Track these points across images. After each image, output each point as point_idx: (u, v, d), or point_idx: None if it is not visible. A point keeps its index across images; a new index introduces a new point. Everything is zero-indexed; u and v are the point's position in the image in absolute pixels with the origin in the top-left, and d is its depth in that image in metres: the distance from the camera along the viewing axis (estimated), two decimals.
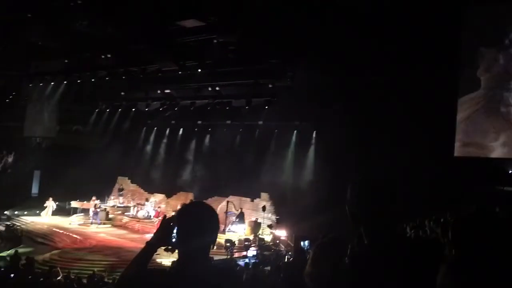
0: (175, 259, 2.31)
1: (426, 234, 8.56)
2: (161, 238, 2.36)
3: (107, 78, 21.58)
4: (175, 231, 2.32)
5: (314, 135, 19.91)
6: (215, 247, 2.37)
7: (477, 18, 13.94)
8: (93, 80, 22.13)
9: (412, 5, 12.87)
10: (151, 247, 2.37)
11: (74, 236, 20.18)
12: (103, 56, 20.13)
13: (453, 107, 14.28)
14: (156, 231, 2.41)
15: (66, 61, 22.14)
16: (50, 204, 23.82)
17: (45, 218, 23.45)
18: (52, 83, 24.75)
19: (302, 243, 13.33)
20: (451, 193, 13.23)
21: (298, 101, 18.17)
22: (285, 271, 9.72)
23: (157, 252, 2.40)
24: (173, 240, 2.33)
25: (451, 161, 14.08)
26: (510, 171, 13.94)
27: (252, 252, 16.47)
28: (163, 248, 2.38)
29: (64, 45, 19.47)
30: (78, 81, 22.96)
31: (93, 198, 23.17)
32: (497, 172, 13.85)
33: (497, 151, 13.75)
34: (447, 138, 14.30)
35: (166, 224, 2.37)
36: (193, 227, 2.26)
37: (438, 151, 14.18)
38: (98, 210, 22.97)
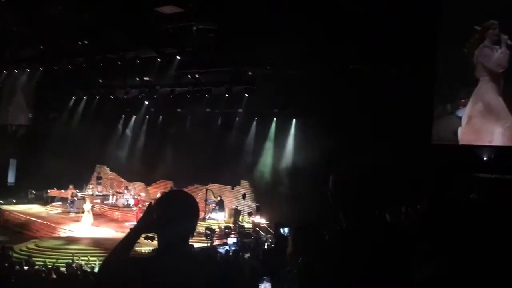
0: (154, 247, 2.31)
1: (403, 220, 8.71)
2: (145, 225, 2.37)
3: (84, 65, 21.24)
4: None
5: (293, 123, 19.96)
6: (195, 235, 2.39)
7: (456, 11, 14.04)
8: (70, 67, 21.76)
9: None
10: (135, 233, 2.37)
11: (52, 225, 19.97)
12: (79, 43, 19.75)
13: (431, 93, 14.46)
14: (141, 217, 2.42)
15: (41, 47, 21.70)
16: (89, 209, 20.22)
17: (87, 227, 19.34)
18: (28, 70, 24.28)
19: (282, 230, 13.42)
20: (428, 180, 13.44)
21: (278, 89, 18.19)
22: (264, 258, 9.80)
23: None
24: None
25: (428, 148, 14.28)
26: (485, 158, 14.19)
27: (232, 239, 16.52)
28: (143, 236, 2.38)
29: (39, 31, 19.06)
30: (55, 68, 22.54)
31: (70, 186, 22.88)
32: (473, 159, 14.09)
33: (472, 138, 14.01)
34: (424, 125, 14.49)
35: (151, 211, 2.38)
36: (172, 215, 2.27)
37: (415, 139, 14.36)
38: (75, 198, 22.72)
